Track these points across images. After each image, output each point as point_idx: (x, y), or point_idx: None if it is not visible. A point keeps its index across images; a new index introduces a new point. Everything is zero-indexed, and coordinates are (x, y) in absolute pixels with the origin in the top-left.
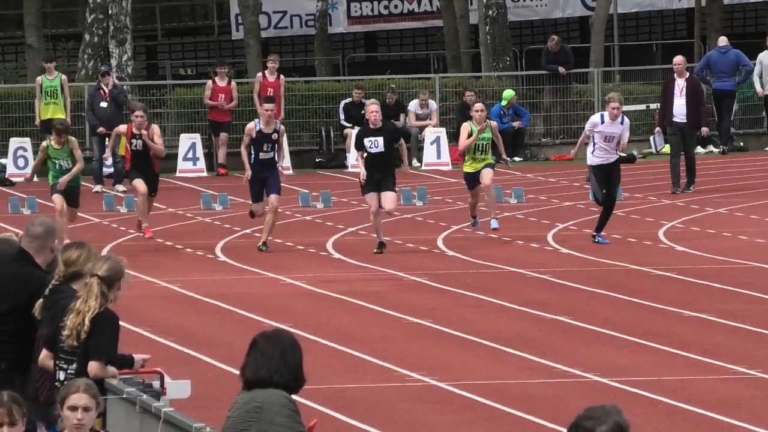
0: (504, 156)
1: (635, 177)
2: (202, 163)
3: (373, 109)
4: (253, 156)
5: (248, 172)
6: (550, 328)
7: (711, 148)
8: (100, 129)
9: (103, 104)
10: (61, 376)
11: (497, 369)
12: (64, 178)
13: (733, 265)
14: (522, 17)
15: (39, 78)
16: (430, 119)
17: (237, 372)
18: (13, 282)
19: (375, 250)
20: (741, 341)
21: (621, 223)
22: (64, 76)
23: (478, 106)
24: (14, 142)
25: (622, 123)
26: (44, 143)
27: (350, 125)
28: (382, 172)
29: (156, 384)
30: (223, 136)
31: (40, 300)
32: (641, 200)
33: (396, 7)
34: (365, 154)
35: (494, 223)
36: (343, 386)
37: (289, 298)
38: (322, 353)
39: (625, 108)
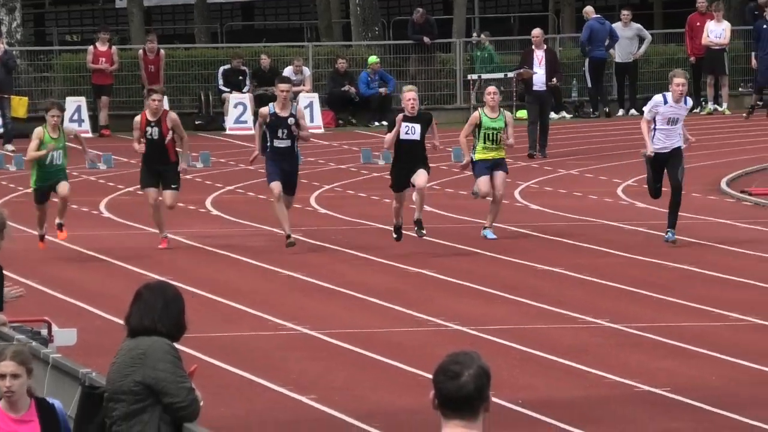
0: (507, 141)
1: None
2: (87, 125)
3: (410, 97)
4: (269, 143)
5: (255, 153)
6: (414, 281)
7: (564, 114)
8: None
9: None
10: None
11: (366, 319)
12: None
13: (583, 223)
14: None
15: None
16: (304, 85)
17: (122, 322)
18: None
19: (416, 230)
20: (588, 293)
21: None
22: None
23: (491, 89)
24: None
25: (686, 104)
26: (38, 129)
27: (228, 90)
28: (413, 161)
29: (44, 332)
30: (105, 99)
31: None
32: None
33: None
34: (397, 140)
35: (489, 233)
36: (221, 335)
37: (170, 252)
38: (201, 304)
39: (486, 76)
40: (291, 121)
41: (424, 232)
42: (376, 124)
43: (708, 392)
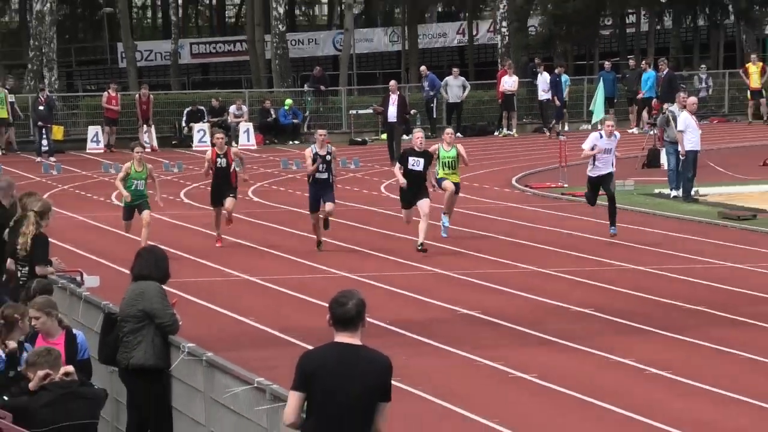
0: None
1: (366, 155)
2: (101, 144)
3: (418, 135)
4: (310, 176)
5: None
6: (311, 242)
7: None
8: (39, 123)
9: (41, 107)
10: (19, 274)
11: (283, 268)
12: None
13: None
14: (298, 54)
15: None
16: (243, 117)
17: (128, 272)
18: None
19: (418, 248)
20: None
21: (359, 184)
22: (5, 90)
23: (448, 130)
24: None
25: (615, 138)
26: (127, 164)
27: (188, 125)
28: (418, 188)
29: (78, 278)
30: (113, 127)
31: (7, 228)
32: (370, 169)
33: (221, 47)
34: (406, 170)
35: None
36: (195, 280)
37: (159, 227)
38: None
39: (361, 111)
40: (328, 158)
41: (425, 251)
42: (290, 143)
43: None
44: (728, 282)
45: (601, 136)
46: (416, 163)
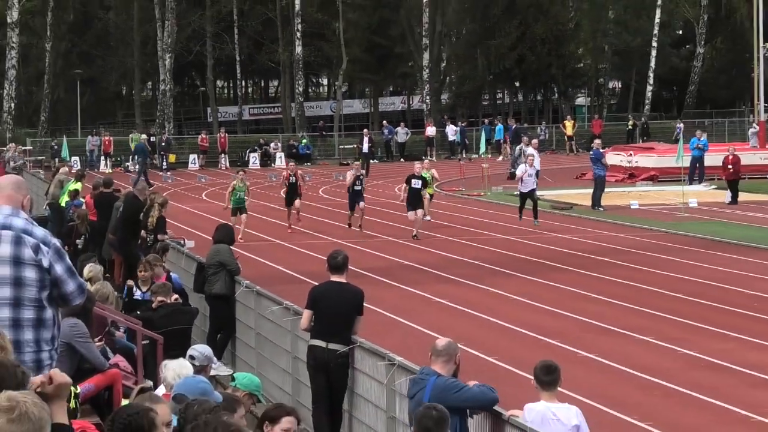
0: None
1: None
2: (197, 165)
3: (418, 165)
4: (349, 188)
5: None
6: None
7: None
8: (162, 153)
9: (164, 144)
10: (148, 240)
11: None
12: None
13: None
14: (310, 113)
15: None
16: (278, 150)
17: (211, 238)
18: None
19: (413, 236)
20: None
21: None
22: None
23: (426, 161)
24: None
25: (533, 168)
26: (234, 182)
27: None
28: (417, 200)
29: (181, 242)
30: (203, 156)
31: (142, 213)
32: None
33: (266, 109)
34: (409, 187)
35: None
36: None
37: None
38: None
39: (347, 146)
40: (362, 177)
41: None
42: (306, 164)
43: None
44: (558, 244)
45: (526, 166)
46: (417, 183)
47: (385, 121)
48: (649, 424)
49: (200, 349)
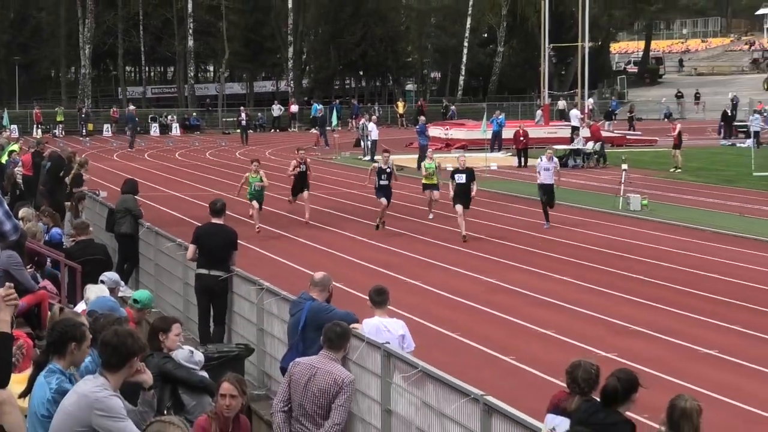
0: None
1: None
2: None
3: (462, 158)
4: (377, 182)
5: (372, 186)
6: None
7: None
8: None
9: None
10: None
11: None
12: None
13: None
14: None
15: None
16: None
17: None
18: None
19: (462, 239)
20: None
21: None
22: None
23: (429, 152)
24: None
25: (553, 161)
26: (247, 174)
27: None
28: (463, 195)
29: (97, 192)
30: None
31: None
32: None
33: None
34: (454, 183)
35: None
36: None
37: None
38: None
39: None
40: (389, 170)
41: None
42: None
43: None
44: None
45: (542, 161)
46: (461, 178)
47: (276, 101)
48: (458, 334)
49: (109, 276)
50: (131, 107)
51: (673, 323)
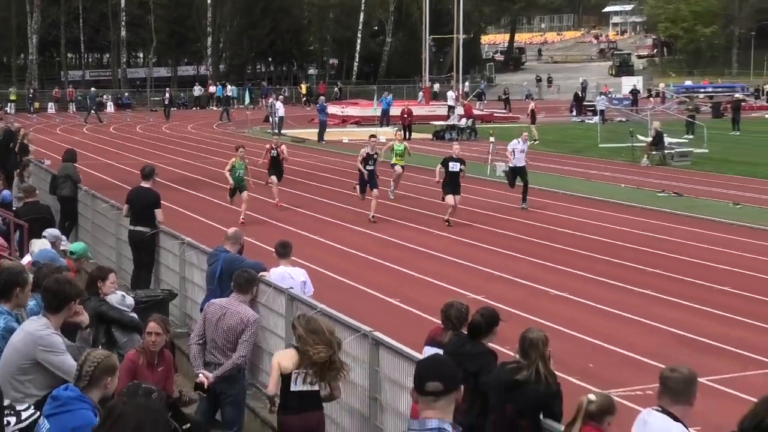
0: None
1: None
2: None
3: (456, 147)
4: (364, 167)
5: (362, 173)
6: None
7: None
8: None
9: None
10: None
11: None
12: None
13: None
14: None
15: None
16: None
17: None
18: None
19: (446, 223)
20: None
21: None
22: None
23: (398, 133)
24: None
25: (526, 144)
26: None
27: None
28: (455, 184)
29: (42, 161)
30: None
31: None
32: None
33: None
34: (447, 171)
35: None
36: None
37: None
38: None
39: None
40: (375, 156)
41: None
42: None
43: None
44: (292, 163)
45: (519, 142)
46: (455, 166)
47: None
48: (352, 281)
49: (51, 232)
50: (93, 89)
51: (531, 270)
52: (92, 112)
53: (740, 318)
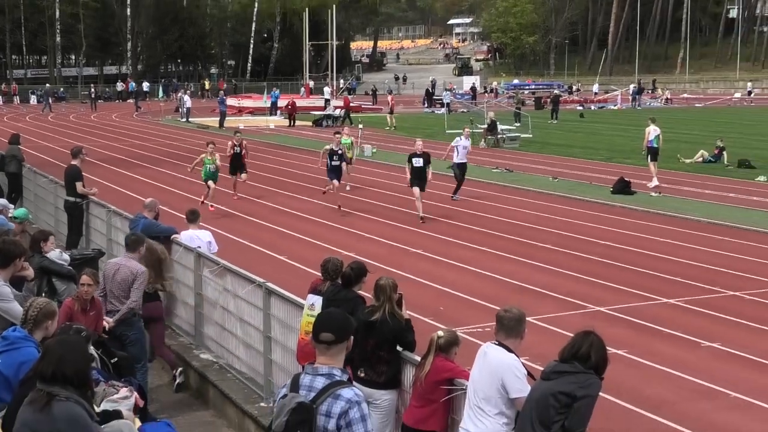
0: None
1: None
2: None
3: (419, 142)
4: (329, 163)
5: (325, 168)
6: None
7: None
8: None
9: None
10: None
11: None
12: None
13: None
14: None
15: None
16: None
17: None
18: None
19: (420, 220)
20: None
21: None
22: None
23: (345, 129)
24: None
25: (468, 140)
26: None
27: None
28: (420, 178)
29: None
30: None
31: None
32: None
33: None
34: (411, 166)
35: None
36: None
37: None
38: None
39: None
40: (340, 152)
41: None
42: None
43: None
44: (188, 143)
45: (461, 139)
46: (418, 161)
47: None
48: (248, 241)
49: (0, 201)
50: (47, 85)
51: (397, 233)
52: (48, 103)
53: (561, 270)
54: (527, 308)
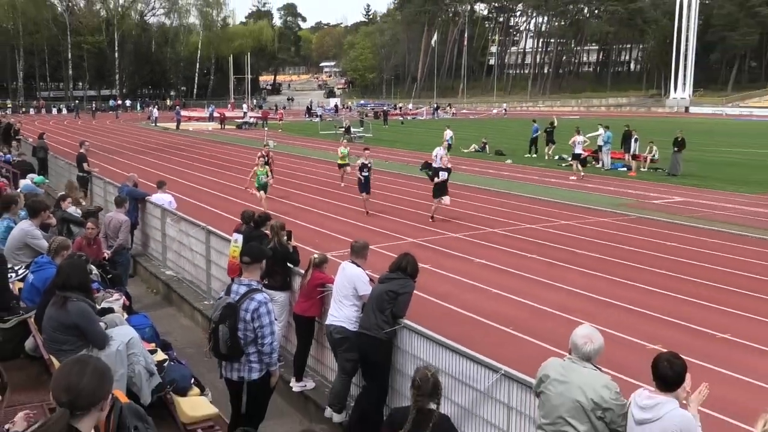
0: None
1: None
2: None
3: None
4: (359, 175)
5: (358, 179)
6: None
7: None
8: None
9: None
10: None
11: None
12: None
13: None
14: None
15: None
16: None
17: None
18: None
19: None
20: None
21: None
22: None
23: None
24: None
25: (445, 150)
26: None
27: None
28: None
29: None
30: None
31: None
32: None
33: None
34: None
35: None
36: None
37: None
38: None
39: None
40: (370, 165)
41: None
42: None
43: None
44: (164, 142)
45: (440, 149)
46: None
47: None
48: (209, 207)
49: (31, 176)
50: (77, 101)
51: (339, 210)
52: (77, 113)
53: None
54: (369, 239)
